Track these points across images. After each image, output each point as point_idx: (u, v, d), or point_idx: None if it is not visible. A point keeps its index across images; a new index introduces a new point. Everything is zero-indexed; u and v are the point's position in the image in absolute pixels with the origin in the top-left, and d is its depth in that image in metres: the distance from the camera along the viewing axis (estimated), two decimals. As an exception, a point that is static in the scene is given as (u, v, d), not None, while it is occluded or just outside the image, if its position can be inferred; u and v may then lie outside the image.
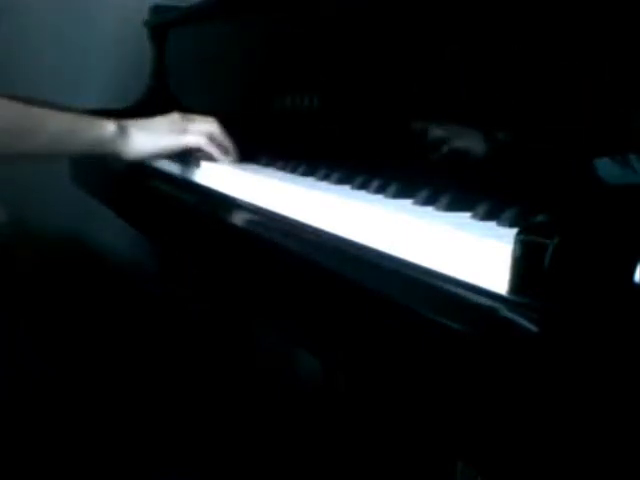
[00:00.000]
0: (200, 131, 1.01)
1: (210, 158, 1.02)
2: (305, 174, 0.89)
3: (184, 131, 1.01)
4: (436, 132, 0.79)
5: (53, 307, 1.51)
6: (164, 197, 1.09)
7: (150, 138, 1.00)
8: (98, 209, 1.47)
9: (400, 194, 0.72)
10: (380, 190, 0.74)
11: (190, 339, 1.69)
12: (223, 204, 0.90)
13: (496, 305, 0.46)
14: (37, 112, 0.96)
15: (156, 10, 1.66)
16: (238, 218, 0.84)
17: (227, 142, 1.02)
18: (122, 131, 0.99)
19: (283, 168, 0.95)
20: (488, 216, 0.60)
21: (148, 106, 1.53)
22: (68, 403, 1.05)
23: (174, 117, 1.02)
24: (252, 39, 1.23)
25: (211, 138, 1.01)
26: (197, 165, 1.04)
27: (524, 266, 0.45)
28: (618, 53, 0.59)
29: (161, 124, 1.02)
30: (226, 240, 0.85)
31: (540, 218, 0.55)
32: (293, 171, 0.92)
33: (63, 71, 1.69)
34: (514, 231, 0.46)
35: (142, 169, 1.15)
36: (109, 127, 0.98)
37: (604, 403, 0.38)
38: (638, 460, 0.37)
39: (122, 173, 1.23)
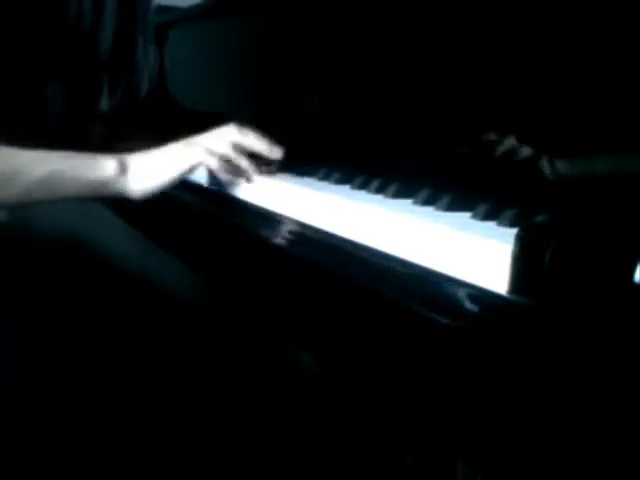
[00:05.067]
0: (206, 148, 0.90)
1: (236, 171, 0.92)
2: (305, 174, 0.89)
3: (190, 153, 0.91)
4: (436, 132, 0.79)
5: (53, 308, 1.51)
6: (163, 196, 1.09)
7: (155, 171, 0.90)
8: (99, 209, 1.47)
9: (400, 194, 0.72)
10: (380, 190, 0.74)
11: (190, 339, 1.69)
12: (220, 203, 0.89)
13: (496, 305, 0.46)
14: (22, 155, 0.86)
15: (157, 10, 1.66)
16: (236, 218, 0.84)
17: (240, 159, 0.90)
18: (123, 168, 0.89)
19: (283, 168, 0.95)
20: (488, 216, 0.60)
21: (148, 106, 1.52)
22: (68, 400, 1.06)
23: (181, 143, 0.92)
24: (252, 39, 1.23)
25: (216, 152, 0.90)
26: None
27: (524, 266, 0.45)
28: (617, 52, 0.59)
29: (168, 152, 0.91)
30: (223, 240, 0.85)
31: (540, 218, 0.55)
32: (293, 171, 0.92)
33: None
34: (514, 231, 0.46)
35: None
36: (108, 166, 0.88)
37: (604, 403, 0.38)
38: (638, 460, 0.37)
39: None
